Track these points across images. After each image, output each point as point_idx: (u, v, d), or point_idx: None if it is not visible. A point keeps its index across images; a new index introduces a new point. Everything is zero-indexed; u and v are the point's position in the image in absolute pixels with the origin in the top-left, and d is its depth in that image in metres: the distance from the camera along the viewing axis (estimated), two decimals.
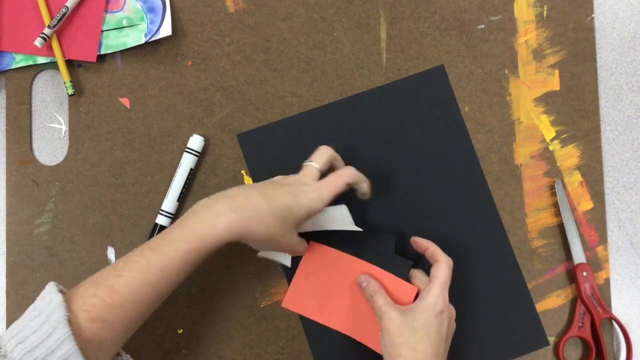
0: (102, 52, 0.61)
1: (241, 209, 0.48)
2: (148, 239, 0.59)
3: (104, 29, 0.61)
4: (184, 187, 0.60)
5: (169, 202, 0.59)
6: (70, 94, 0.60)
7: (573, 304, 0.60)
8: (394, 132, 0.61)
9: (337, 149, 0.56)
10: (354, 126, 0.61)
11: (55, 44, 0.60)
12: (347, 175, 0.53)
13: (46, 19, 0.60)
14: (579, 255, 0.60)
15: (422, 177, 0.61)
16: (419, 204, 0.60)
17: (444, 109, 0.61)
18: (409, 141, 0.61)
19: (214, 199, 0.49)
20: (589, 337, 0.59)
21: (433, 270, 0.53)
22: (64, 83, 0.60)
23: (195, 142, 0.60)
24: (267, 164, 0.61)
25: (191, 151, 0.60)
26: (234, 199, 0.49)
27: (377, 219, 0.60)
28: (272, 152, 0.61)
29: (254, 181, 0.61)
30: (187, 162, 0.60)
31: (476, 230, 0.60)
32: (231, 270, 0.61)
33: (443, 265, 0.53)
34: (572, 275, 0.60)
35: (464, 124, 0.61)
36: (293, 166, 0.55)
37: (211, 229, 0.47)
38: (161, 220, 0.59)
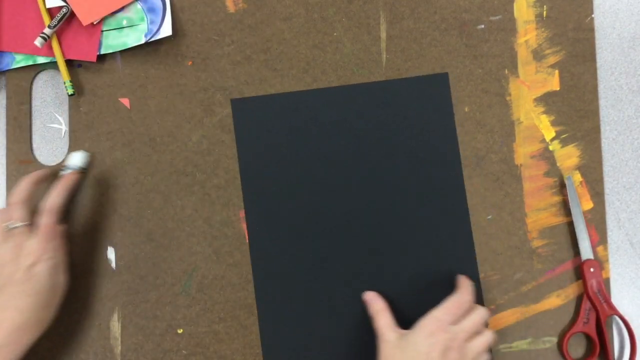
0: (102, 52, 0.61)
1: (4, 339, 0.50)
2: None
3: (104, 29, 0.61)
4: None
5: None
6: (70, 93, 0.60)
7: (579, 300, 0.60)
8: (384, 128, 0.61)
9: (324, 134, 0.58)
10: (347, 114, 0.61)
11: (55, 44, 0.60)
12: (26, 183, 0.55)
13: (46, 19, 0.60)
14: (587, 251, 0.60)
15: (401, 178, 0.61)
16: (392, 203, 0.60)
17: (440, 116, 0.61)
18: (396, 140, 0.61)
19: None
20: (593, 333, 0.59)
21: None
22: (64, 83, 0.60)
23: (76, 158, 0.60)
24: (255, 133, 0.61)
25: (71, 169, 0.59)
26: None
27: (348, 209, 0.60)
28: (262, 123, 0.61)
29: (239, 150, 0.61)
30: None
31: (444, 245, 0.60)
32: (231, 270, 0.61)
33: (455, 295, 0.54)
34: (574, 274, 0.60)
35: (455, 135, 0.61)
36: (280, 140, 0.58)
37: None
38: None
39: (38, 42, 0.59)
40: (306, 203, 0.60)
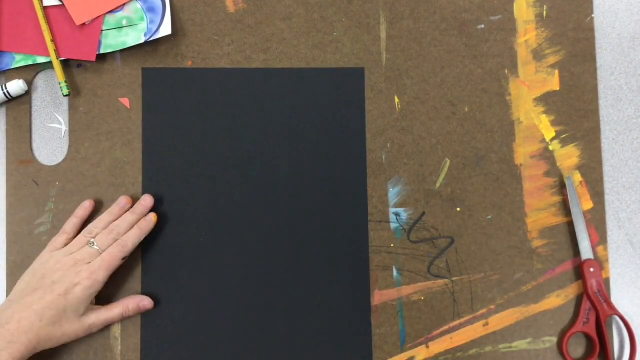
0: (102, 51, 0.61)
1: (17, 336, 0.51)
2: None
3: (103, 28, 0.61)
4: None
5: None
6: (65, 94, 0.60)
7: (579, 300, 0.60)
8: (294, 114, 0.61)
9: (233, 113, 0.60)
10: (259, 96, 0.61)
11: (50, 45, 0.60)
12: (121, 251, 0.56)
13: (42, 19, 0.60)
14: (587, 251, 0.60)
15: (305, 166, 0.61)
16: (292, 189, 0.61)
17: (352, 111, 0.61)
18: (304, 128, 0.61)
19: None
20: (593, 333, 0.59)
21: None
22: (59, 83, 0.60)
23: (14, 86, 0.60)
24: (164, 107, 0.61)
25: (7, 94, 0.60)
26: (7, 328, 0.51)
27: (248, 190, 0.60)
28: (173, 97, 0.61)
29: (145, 122, 0.61)
30: None
31: (338, 241, 0.60)
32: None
33: None
34: (574, 274, 0.61)
35: (364, 130, 0.61)
36: (189, 117, 0.60)
37: None
38: None
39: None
40: (206, 180, 0.60)
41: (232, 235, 0.60)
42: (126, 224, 0.57)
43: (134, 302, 0.57)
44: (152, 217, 0.58)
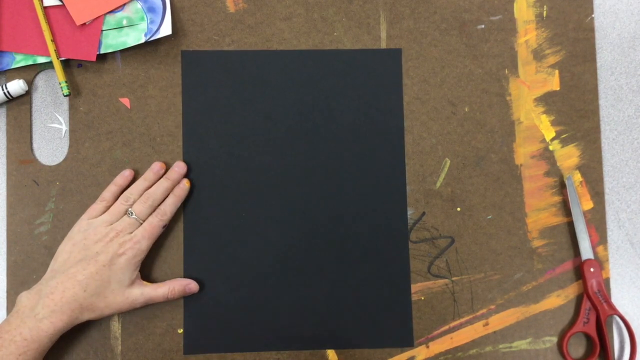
0: (102, 51, 0.61)
1: (61, 306, 0.52)
2: None
3: (103, 28, 0.61)
4: None
5: None
6: (65, 94, 0.60)
7: (579, 299, 0.60)
8: (332, 95, 0.61)
9: (272, 95, 0.61)
10: (297, 78, 0.62)
11: (50, 45, 0.60)
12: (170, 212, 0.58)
13: (42, 19, 0.60)
14: (587, 251, 0.60)
15: (343, 146, 0.61)
16: (330, 169, 0.61)
17: (389, 91, 0.62)
18: (342, 108, 0.61)
19: (33, 298, 0.53)
20: (593, 333, 0.59)
21: None
22: (60, 83, 0.60)
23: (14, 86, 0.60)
24: (203, 88, 0.61)
25: (7, 94, 0.60)
26: (51, 297, 0.52)
27: (286, 171, 0.61)
28: (211, 78, 0.61)
29: (184, 104, 0.61)
30: None
31: (378, 222, 0.61)
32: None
33: None
34: (574, 274, 0.61)
35: (402, 111, 0.61)
36: (227, 97, 0.60)
37: (38, 332, 0.51)
38: None
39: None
40: (245, 161, 0.61)
41: (272, 218, 0.60)
42: (161, 190, 0.58)
43: (180, 285, 0.57)
44: (186, 183, 0.59)
